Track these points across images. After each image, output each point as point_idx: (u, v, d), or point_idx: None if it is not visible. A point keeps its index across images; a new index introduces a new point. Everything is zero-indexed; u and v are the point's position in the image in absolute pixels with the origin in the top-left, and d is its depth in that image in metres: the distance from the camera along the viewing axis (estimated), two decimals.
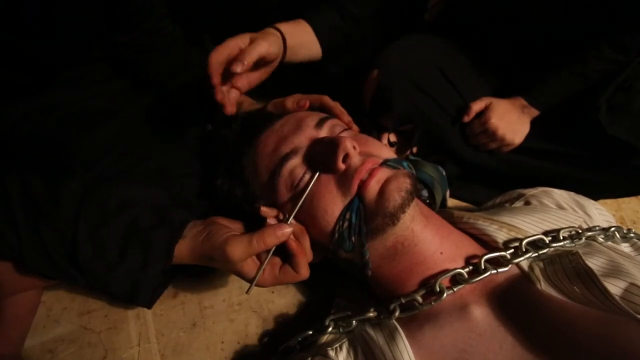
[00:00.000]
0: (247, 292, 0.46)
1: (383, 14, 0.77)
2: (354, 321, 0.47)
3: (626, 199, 0.84)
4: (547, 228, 0.49)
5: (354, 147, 0.45)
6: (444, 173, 0.72)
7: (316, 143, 0.49)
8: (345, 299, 0.55)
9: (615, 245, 0.50)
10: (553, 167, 0.74)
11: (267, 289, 0.64)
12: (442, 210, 0.60)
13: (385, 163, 0.47)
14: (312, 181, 0.46)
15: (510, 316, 0.41)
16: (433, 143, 0.78)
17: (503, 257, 0.45)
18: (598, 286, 0.37)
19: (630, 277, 0.39)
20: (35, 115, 0.57)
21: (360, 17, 0.73)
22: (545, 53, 0.73)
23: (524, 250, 0.45)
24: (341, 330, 0.48)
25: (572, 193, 0.60)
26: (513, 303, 0.42)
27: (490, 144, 0.75)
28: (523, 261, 0.44)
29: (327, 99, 0.58)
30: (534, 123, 0.75)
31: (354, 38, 0.74)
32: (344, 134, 0.50)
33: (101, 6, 0.54)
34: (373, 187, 0.44)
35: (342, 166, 0.45)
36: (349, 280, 0.56)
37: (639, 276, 0.39)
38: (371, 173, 0.45)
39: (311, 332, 0.50)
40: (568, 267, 0.41)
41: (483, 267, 0.44)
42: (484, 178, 0.80)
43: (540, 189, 0.61)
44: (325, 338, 0.48)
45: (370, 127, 0.77)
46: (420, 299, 0.43)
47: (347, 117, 0.57)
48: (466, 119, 0.74)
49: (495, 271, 0.43)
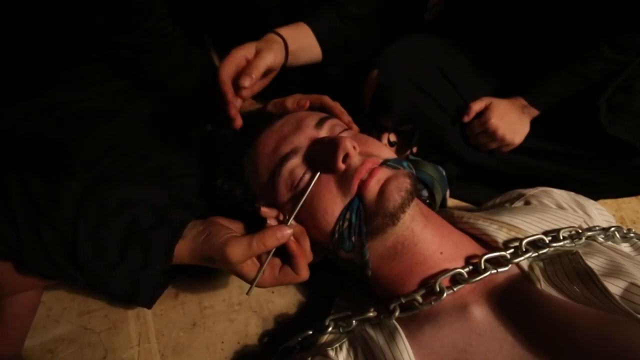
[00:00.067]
0: (248, 294, 0.46)
1: (383, 14, 0.77)
2: (354, 321, 0.47)
3: (626, 199, 0.84)
4: (547, 228, 0.49)
5: (354, 147, 0.45)
6: (444, 173, 0.72)
7: (316, 143, 0.49)
8: (345, 299, 0.55)
9: (615, 245, 0.50)
10: (553, 167, 0.74)
11: (267, 289, 0.63)
12: (442, 210, 0.60)
13: (385, 163, 0.47)
14: (313, 181, 0.46)
15: (510, 316, 0.41)
16: (433, 143, 0.77)
17: (503, 257, 0.45)
18: (598, 286, 0.37)
19: (630, 277, 0.39)
20: (35, 115, 0.57)
21: (360, 18, 0.73)
22: (545, 53, 0.73)
23: (524, 250, 0.45)
24: (341, 330, 0.48)
25: (572, 193, 0.60)
26: (513, 303, 0.42)
27: (490, 144, 0.75)
28: (523, 261, 0.44)
29: (327, 99, 0.58)
30: (534, 123, 0.75)
31: (354, 38, 0.75)
32: (344, 134, 0.50)
33: (101, 6, 0.54)
34: (373, 187, 0.44)
35: (342, 166, 0.45)
36: (349, 280, 0.56)
37: (639, 276, 0.39)
38: (371, 173, 0.45)
39: (311, 332, 0.50)
40: (568, 267, 0.41)
41: (483, 267, 0.44)
42: (484, 178, 0.80)
43: (540, 189, 0.61)
44: (325, 338, 0.48)
45: (370, 127, 0.76)
46: (420, 299, 0.43)
47: (347, 117, 0.57)
48: (466, 119, 0.74)
49: (495, 271, 0.43)
